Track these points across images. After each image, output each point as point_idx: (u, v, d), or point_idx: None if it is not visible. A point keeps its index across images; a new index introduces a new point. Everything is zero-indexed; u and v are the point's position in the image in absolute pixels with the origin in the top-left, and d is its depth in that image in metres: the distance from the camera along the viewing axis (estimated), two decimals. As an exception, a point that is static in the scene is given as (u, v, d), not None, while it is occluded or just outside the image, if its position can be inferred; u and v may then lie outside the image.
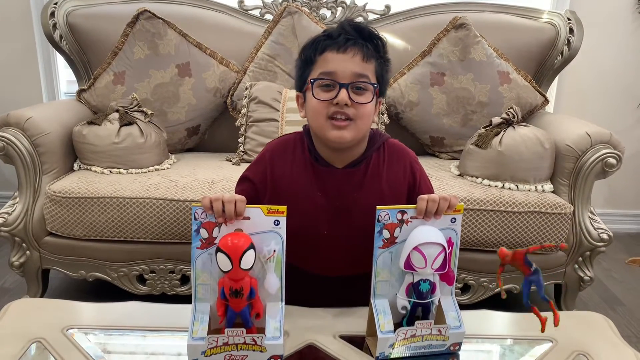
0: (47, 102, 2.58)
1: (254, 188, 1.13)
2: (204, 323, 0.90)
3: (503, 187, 1.75)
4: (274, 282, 0.91)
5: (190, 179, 1.73)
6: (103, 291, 1.87)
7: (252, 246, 0.87)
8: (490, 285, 1.78)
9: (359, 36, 1.04)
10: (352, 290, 1.12)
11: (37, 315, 1.05)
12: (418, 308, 0.95)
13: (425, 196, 0.94)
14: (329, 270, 1.12)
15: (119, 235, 1.69)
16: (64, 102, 2.27)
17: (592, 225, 1.74)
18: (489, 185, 1.76)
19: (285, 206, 0.92)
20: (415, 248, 0.91)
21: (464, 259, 1.74)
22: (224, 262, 0.85)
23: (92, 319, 1.08)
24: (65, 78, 2.67)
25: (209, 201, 0.90)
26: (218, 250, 0.86)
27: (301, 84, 1.09)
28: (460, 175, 1.88)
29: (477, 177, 1.81)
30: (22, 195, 1.72)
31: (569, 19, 2.18)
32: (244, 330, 0.86)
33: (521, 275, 1.82)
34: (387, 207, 0.94)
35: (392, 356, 0.94)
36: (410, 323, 0.94)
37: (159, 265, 1.75)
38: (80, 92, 2.09)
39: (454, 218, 0.96)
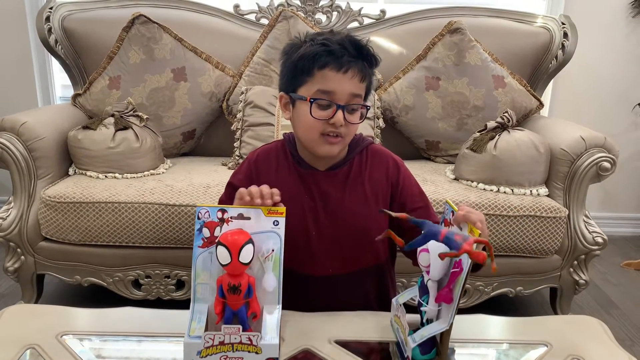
0: (42, 107, 2.57)
1: None
2: (202, 322, 0.90)
3: (498, 191, 1.75)
4: (271, 280, 0.93)
5: (185, 184, 1.73)
6: (98, 296, 1.86)
7: (250, 241, 0.89)
8: (486, 290, 1.78)
9: (358, 55, 1.04)
10: (345, 289, 1.14)
11: (32, 321, 1.04)
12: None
13: (476, 217, 0.88)
14: (320, 270, 1.14)
15: (114, 240, 1.69)
16: (59, 107, 2.26)
17: (587, 229, 1.75)
18: (484, 189, 1.77)
19: (285, 207, 0.94)
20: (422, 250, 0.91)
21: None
22: (224, 255, 0.87)
23: (87, 325, 1.08)
24: (61, 82, 2.66)
25: (247, 192, 0.96)
26: (218, 244, 0.88)
27: (289, 87, 1.09)
28: (455, 179, 1.88)
29: (472, 181, 1.81)
30: (17, 200, 1.71)
31: (563, 24, 2.19)
32: (240, 327, 0.86)
33: (518, 279, 1.83)
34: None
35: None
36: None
37: (155, 270, 1.75)
38: (75, 97, 2.09)
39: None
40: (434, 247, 0.88)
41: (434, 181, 1.83)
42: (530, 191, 1.75)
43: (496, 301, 1.82)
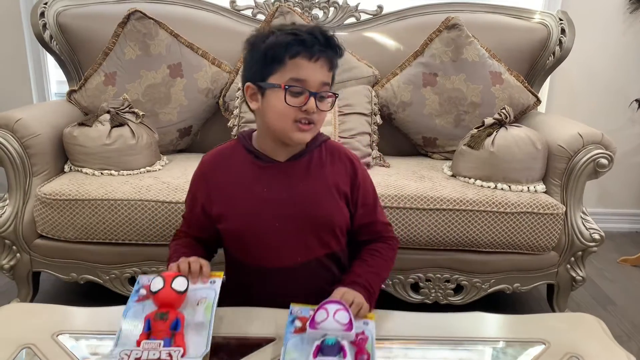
0: (37, 103, 2.55)
1: (201, 206, 1.19)
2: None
3: (495, 187, 1.75)
4: (201, 316, 0.94)
5: (182, 181, 1.72)
6: (94, 294, 1.86)
7: (186, 279, 0.96)
8: (483, 286, 1.78)
9: (328, 46, 1.08)
10: (309, 276, 1.16)
11: (27, 320, 1.04)
12: None
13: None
14: (287, 260, 1.16)
15: (110, 237, 1.68)
16: (54, 103, 2.25)
17: (584, 225, 1.75)
18: (482, 185, 1.77)
19: (222, 272, 1.04)
20: (318, 309, 0.93)
21: (457, 260, 1.74)
22: (157, 283, 0.93)
23: (83, 324, 1.08)
24: (56, 78, 2.65)
25: (176, 266, 1.04)
26: (156, 276, 0.95)
27: (257, 77, 1.09)
28: (452, 175, 1.88)
29: (469, 178, 1.81)
30: (12, 198, 1.70)
31: (560, 20, 2.19)
32: (162, 342, 0.84)
33: (515, 276, 1.83)
34: (301, 305, 1.00)
35: None
36: None
37: (151, 268, 1.74)
38: (70, 93, 2.07)
39: (367, 322, 0.98)
40: (329, 304, 0.95)
41: (431, 178, 1.82)
42: (528, 188, 1.75)
43: (493, 297, 1.82)
